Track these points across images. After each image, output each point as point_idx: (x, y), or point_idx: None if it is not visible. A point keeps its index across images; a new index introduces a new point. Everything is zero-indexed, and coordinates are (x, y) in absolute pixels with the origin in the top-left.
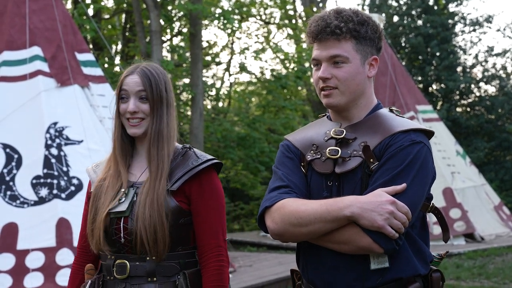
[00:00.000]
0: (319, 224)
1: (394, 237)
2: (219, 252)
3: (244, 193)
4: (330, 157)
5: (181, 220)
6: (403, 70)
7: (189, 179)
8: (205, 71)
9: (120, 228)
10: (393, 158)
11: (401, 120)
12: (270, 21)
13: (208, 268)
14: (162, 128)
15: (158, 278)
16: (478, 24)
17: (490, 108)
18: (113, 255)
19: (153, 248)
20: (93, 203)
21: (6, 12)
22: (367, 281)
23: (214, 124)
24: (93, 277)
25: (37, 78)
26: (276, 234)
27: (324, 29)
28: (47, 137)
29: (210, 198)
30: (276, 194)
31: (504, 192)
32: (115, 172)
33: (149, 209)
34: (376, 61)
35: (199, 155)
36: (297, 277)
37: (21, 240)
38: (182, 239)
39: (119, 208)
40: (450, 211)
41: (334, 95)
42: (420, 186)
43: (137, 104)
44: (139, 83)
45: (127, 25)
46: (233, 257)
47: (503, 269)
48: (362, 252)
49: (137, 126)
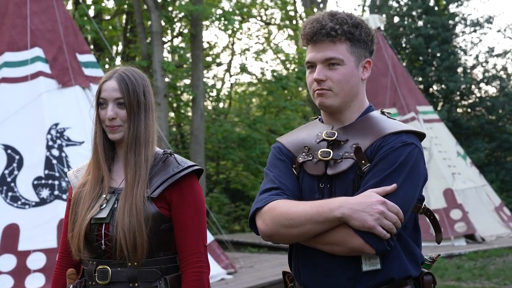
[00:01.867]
0: (310, 225)
1: (385, 238)
2: (199, 258)
3: (244, 194)
4: (322, 159)
5: (162, 226)
6: (403, 71)
7: (169, 185)
8: (206, 72)
9: (102, 234)
10: (384, 160)
11: (393, 122)
12: (270, 22)
13: (188, 274)
14: (139, 133)
15: (139, 283)
16: (479, 25)
17: (491, 109)
18: (94, 261)
19: (132, 254)
20: (73, 209)
21: (7, 14)
22: (359, 283)
23: (214, 125)
24: (75, 281)
25: (38, 79)
26: (266, 235)
27: (319, 31)
28: (48, 138)
29: (190, 205)
30: (267, 196)
31: (504, 193)
32: (95, 177)
33: (128, 215)
34: (370, 63)
35: (180, 162)
36: (289, 279)
37: (22, 241)
38: (163, 245)
39: (100, 215)
40: (451, 212)
41: (328, 97)
42: (412, 187)
43: (115, 110)
44: (116, 89)
45: (128, 26)
46: (234, 258)
47: (504, 270)
48: (354, 253)
49: (116, 131)
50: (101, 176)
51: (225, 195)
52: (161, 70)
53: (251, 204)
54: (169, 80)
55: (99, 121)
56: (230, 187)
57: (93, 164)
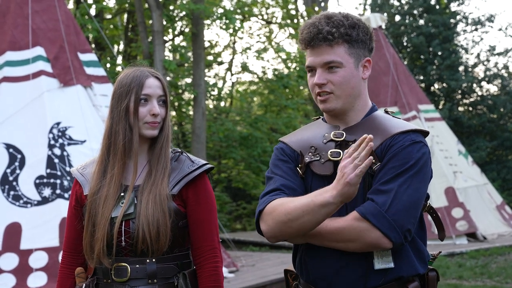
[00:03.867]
0: (308, 216)
1: (363, 168)
2: (215, 253)
3: (246, 193)
4: (332, 159)
5: (180, 223)
6: (405, 69)
7: (186, 183)
8: (207, 71)
9: (122, 232)
10: (395, 157)
11: (399, 121)
12: (272, 21)
13: (205, 269)
14: (169, 131)
15: (158, 279)
16: (480, 23)
17: (492, 108)
18: (110, 258)
19: (155, 243)
20: (90, 213)
21: (9, 13)
22: (370, 280)
23: (216, 123)
24: (86, 280)
25: (40, 78)
26: (269, 236)
27: (316, 36)
28: (50, 137)
29: (205, 202)
30: (267, 197)
31: (506, 191)
32: (118, 177)
33: (152, 206)
34: (369, 62)
35: (194, 160)
36: (292, 277)
37: (24, 240)
38: (178, 241)
39: (122, 212)
40: (452, 211)
41: (331, 100)
42: (423, 183)
43: (158, 107)
44: (160, 87)
45: (129, 25)
46: (235, 256)
47: (506, 268)
48: (369, 249)
49: (157, 127)
50: (120, 175)
51: (227, 194)
52: (162, 69)
53: (252, 203)
54: (170, 79)
55: (126, 118)
56: (231, 185)
57: (111, 164)
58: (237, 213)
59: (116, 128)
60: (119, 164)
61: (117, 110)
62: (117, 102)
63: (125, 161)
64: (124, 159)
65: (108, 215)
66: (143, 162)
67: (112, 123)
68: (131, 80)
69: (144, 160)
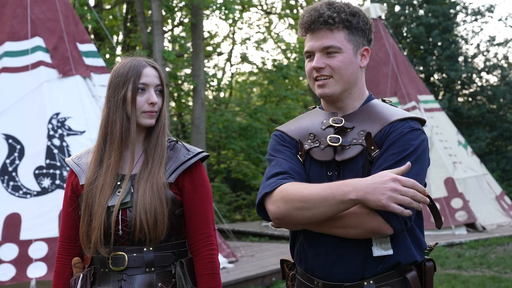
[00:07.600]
0: (324, 208)
1: (403, 214)
2: (211, 241)
3: (245, 184)
4: (331, 145)
5: (177, 211)
6: (404, 60)
7: (182, 171)
8: (207, 62)
9: (119, 220)
10: (395, 144)
11: (396, 109)
12: (271, 11)
13: (201, 256)
14: (166, 121)
15: (155, 268)
16: (480, 13)
17: (492, 98)
18: (107, 248)
19: (153, 231)
20: (87, 204)
21: (7, 3)
22: (368, 268)
23: (215, 114)
24: (84, 270)
25: (39, 69)
26: (278, 218)
27: (317, 19)
28: (49, 127)
29: (201, 190)
30: (275, 180)
31: (505, 182)
32: (114, 167)
33: (149, 194)
34: (368, 51)
35: (189, 148)
36: (288, 267)
37: (24, 231)
38: (175, 230)
39: (119, 200)
40: (452, 201)
41: (329, 85)
42: (422, 170)
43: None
44: (157, 76)
45: (129, 16)
46: (235, 247)
47: (505, 258)
48: (370, 235)
49: (154, 116)
50: (117, 164)
51: (226, 185)
52: (161, 59)
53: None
54: (169, 70)
55: (124, 107)
56: (231, 176)
57: (108, 153)
58: (236, 204)
59: (113, 117)
60: (116, 153)
61: (114, 99)
62: (114, 91)
63: (121, 150)
64: (121, 148)
65: (105, 204)
66: (139, 151)
67: (109, 113)
68: (128, 70)
69: (140, 149)
